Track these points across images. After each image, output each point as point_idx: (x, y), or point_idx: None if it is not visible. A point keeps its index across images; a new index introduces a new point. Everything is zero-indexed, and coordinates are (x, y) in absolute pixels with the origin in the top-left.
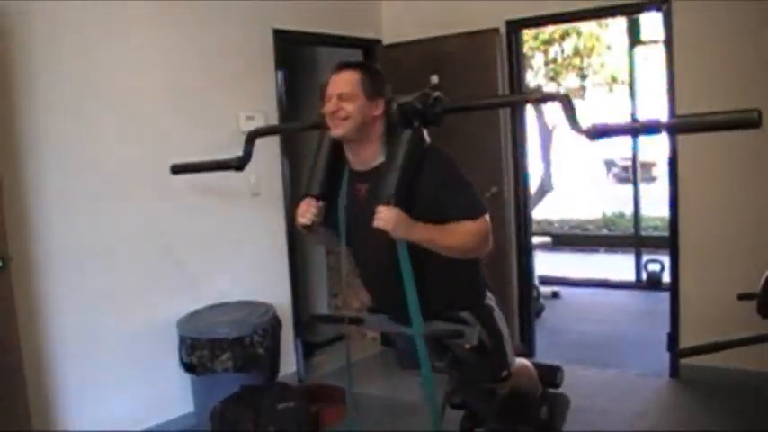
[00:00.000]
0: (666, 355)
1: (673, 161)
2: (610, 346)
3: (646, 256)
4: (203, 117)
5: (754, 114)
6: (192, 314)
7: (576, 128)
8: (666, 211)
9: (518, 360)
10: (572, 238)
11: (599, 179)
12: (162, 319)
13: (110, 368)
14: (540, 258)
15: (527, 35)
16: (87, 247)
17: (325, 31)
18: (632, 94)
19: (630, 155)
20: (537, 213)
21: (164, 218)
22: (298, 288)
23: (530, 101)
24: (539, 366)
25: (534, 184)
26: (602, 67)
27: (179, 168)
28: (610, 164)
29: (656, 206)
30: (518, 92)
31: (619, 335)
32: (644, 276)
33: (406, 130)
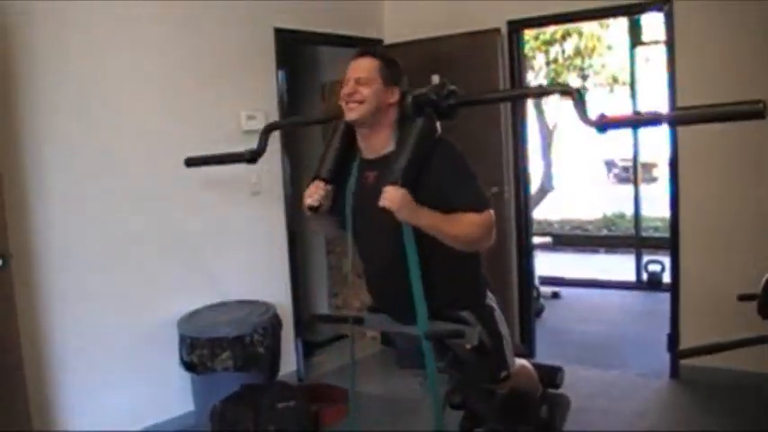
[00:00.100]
0: (667, 356)
1: (673, 162)
2: (610, 346)
3: (646, 257)
4: (205, 116)
5: (759, 106)
6: (193, 313)
7: (586, 120)
8: (667, 212)
9: (518, 361)
10: (572, 239)
11: (599, 179)
12: (162, 318)
13: (110, 367)
14: (541, 259)
15: (528, 35)
16: (87, 247)
17: (327, 31)
18: (633, 95)
19: (631, 155)
20: (537, 213)
21: (164, 217)
22: (298, 287)
23: (542, 94)
24: (539, 367)
25: (535, 184)
26: (603, 67)
27: (193, 161)
28: (610, 164)
29: (656, 207)
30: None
31: (619, 335)
32: (644, 277)
33: (418, 118)
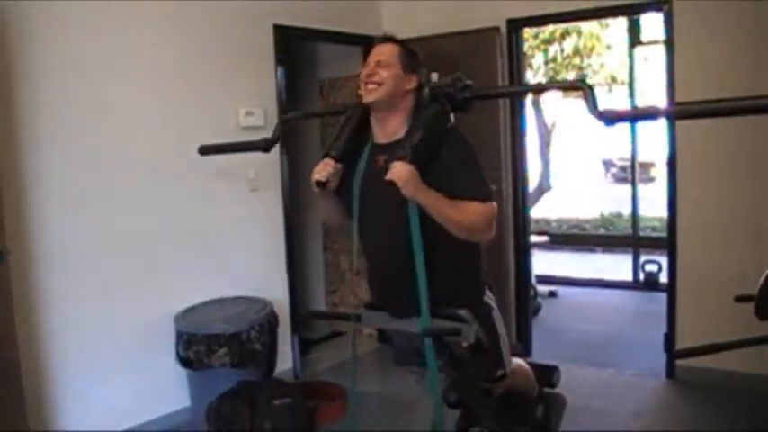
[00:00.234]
0: (663, 356)
1: (671, 162)
2: (606, 346)
3: (643, 257)
4: (203, 112)
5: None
6: (189, 309)
7: (596, 113)
8: (664, 212)
9: (514, 360)
10: (570, 238)
11: (597, 179)
12: (159, 314)
13: (106, 363)
14: (538, 257)
15: (527, 34)
16: (84, 243)
17: (326, 28)
18: (632, 94)
19: (629, 155)
20: (535, 212)
21: (161, 213)
22: (295, 284)
23: (553, 89)
24: (536, 366)
25: (533, 183)
26: (601, 66)
27: (206, 149)
28: (608, 164)
29: (653, 207)
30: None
31: (616, 335)
32: (641, 277)
33: (433, 104)
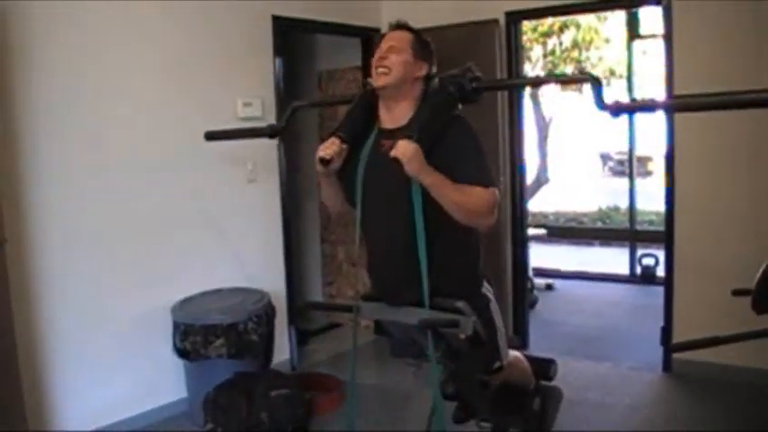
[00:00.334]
0: (659, 350)
1: (669, 156)
2: (603, 339)
3: (640, 251)
4: (201, 103)
5: None
6: (187, 300)
7: (603, 105)
8: (661, 206)
9: (511, 353)
10: (567, 231)
11: (595, 172)
12: (156, 304)
13: (103, 353)
14: (535, 250)
15: (525, 27)
16: (81, 233)
17: (325, 19)
18: (630, 88)
19: (626, 149)
20: (532, 205)
21: (158, 203)
22: (292, 276)
23: (565, 81)
24: (532, 359)
25: (530, 176)
26: (600, 60)
27: (213, 135)
28: (606, 157)
29: (651, 201)
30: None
31: (612, 328)
32: (638, 270)
33: (441, 92)
